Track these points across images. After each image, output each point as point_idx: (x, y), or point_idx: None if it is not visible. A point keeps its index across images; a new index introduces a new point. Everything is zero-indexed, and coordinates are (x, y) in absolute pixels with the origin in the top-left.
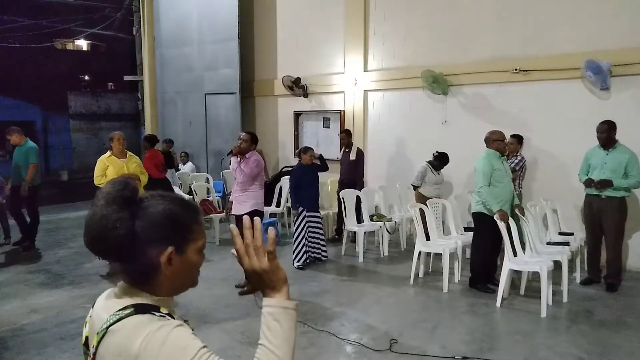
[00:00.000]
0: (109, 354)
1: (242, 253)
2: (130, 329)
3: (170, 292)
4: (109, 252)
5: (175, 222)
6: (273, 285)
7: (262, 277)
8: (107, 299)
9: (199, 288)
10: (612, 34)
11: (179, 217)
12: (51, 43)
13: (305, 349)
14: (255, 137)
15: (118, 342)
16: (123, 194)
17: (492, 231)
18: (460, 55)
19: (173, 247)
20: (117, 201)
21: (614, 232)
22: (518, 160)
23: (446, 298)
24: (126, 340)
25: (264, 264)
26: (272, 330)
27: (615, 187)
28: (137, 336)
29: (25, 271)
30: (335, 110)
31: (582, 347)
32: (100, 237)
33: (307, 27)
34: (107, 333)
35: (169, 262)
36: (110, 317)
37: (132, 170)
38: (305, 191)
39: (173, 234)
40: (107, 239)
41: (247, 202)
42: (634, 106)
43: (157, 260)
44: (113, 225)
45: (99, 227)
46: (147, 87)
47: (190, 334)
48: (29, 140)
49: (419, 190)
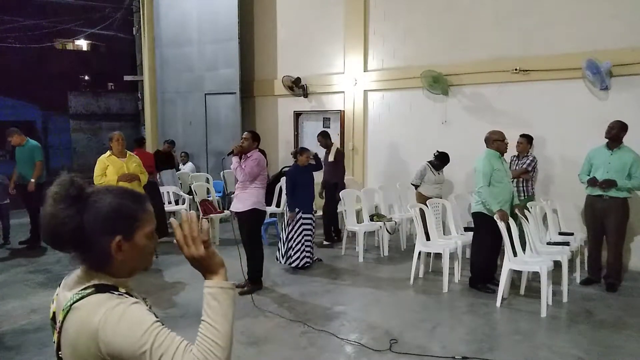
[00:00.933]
0: (72, 328)
1: (181, 243)
2: (90, 306)
3: (125, 274)
4: (63, 245)
5: (121, 213)
6: (212, 269)
7: (201, 262)
8: (72, 280)
9: (199, 288)
10: (612, 34)
11: (125, 208)
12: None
13: (305, 349)
14: (257, 135)
15: (80, 317)
16: (69, 192)
17: (492, 231)
18: (460, 55)
19: (121, 236)
20: (64, 200)
21: (617, 232)
22: (530, 161)
23: (446, 298)
24: (87, 316)
25: (200, 251)
26: (212, 308)
27: (619, 188)
28: (97, 312)
29: (25, 271)
30: (335, 110)
31: (582, 347)
32: (54, 234)
33: (307, 27)
34: (71, 310)
35: (119, 249)
36: (74, 295)
37: (132, 170)
38: (302, 192)
39: (120, 224)
40: (59, 235)
41: (248, 200)
42: (634, 106)
43: (109, 248)
44: (62, 222)
45: (50, 225)
46: (147, 87)
47: (145, 310)
48: (30, 139)
49: (418, 189)
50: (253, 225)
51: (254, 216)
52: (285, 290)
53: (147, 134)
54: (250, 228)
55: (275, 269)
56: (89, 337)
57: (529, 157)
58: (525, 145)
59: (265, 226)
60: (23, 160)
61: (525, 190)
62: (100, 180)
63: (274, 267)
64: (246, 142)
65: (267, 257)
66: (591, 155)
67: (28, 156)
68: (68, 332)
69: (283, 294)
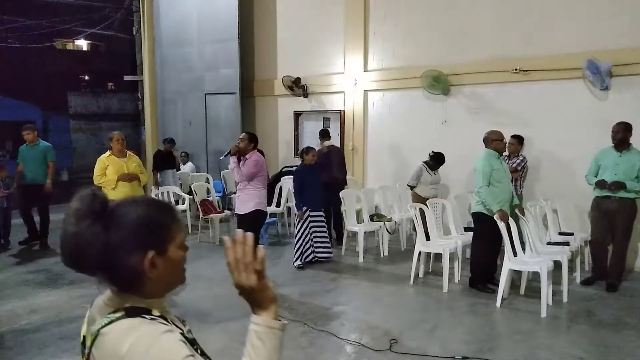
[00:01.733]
0: (100, 355)
1: (232, 267)
2: (119, 332)
3: (159, 293)
4: (88, 267)
5: (152, 226)
6: (261, 304)
7: (251, 294)
8: (102, 301)
9: (199, 288)
10: (612, 34)
11: (155, 220)
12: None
13: (305, 349)
14: (254, 136)
15: (107, 344)
16: (93, 207)
17: (492, 231)
18: (460, 55)
19: (154, 251)
20: (87, 216)
21: (624, 233)
22: (520, 160)
23: (446, 298)
24: (115, 343)
25: (252, 281)
26: (255, 348)
27: (627, 190)
28: (125, 340)
29: (25, 271)
30: (335, 110)
31: (582, 347)
32: (77, 255)
33: (307, 27)
34: (99, 335)
35: (153, 266)
36: (102, 319)
37: (132, 170)
38: (309, 191)
39: (151, 237)
40: (85, 255)
41: (249, 201)
42: (634, 106)
43: (140, 266)
44: (88, 241)
45: (73, 245)
46: (147, 87)
47: (177, 340)
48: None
49: (415, 190)
50: (254, 226)
51: (256, 217)
52: (285, 290)
53: (147, 134)
54: (251, 229)
55: (275, 269)
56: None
57: (519, 157)
58: (517, 146)
59: (265, 226)
60: (33, 159)
61: (515, 189)
62: (100, 180)
63: (274, 267)
64: (242, 143)
65: (267, 257)
66: (599, 157)
67: (40, 156)
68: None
69: (283, 294)
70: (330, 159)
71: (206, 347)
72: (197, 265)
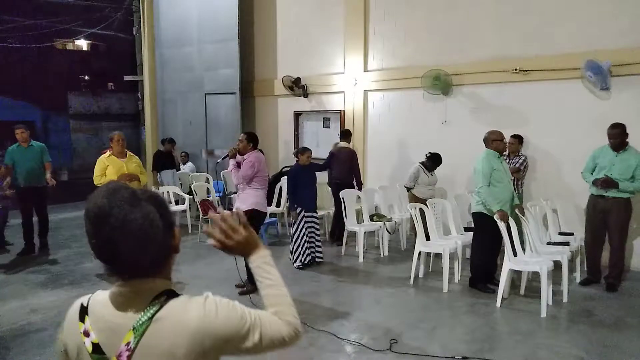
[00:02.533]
0: (164, 338)
1: (223, 239)
2: (178, 312)
3: (171, 272)
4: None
5: (167, 205)
6: (255, 245)
7: (246, 243)
8: (113, 303)
9: (199, 288)
10: (612, 34)
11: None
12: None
13: (305, 349)
14: (252, 136)
15: (168, 327)
16: (132, 191)
17: (492, 231)
18: (460, 55)
19: (178, 226)
20: (141, 199)
21: (619, 232)
22: (522, 160)
23: (446, 298)
24: (180, 320)
25: (242, 234)
26: (270, 273)
27: (620, 189)
28: (189, 312)
29: (25, 271)
30: (335, 110)
31: (582, 347)
32: (145, 239)
33: (307, 27)
34: (152, 323)
35: (178, 239)
36: (147, 309)
37: (132, 170)
38: (303, 191)
39: (168, 217)
40: (154, 238)
41: (247, 200)
42: (634, 106)
43: (172, 242)
44: (152, 221)
45: (141, 231)
46: (147, 87)
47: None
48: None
49: (412, 191)
50: (250, 224)
51: (252, 216)
52: None
53: (147, 134)
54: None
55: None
56: (190, 338)
57: (521, 157)
58: (517, 146)
59: (265, 226)
60: (27, 161)
61: (516, 189)
62: (100, 180)
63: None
64: (241, 144)
65: None
66: (596, 154)
67: (35, 157)
68: (159, 346)
69: None
70: (335, 160)
71: None
72: (197, 265)
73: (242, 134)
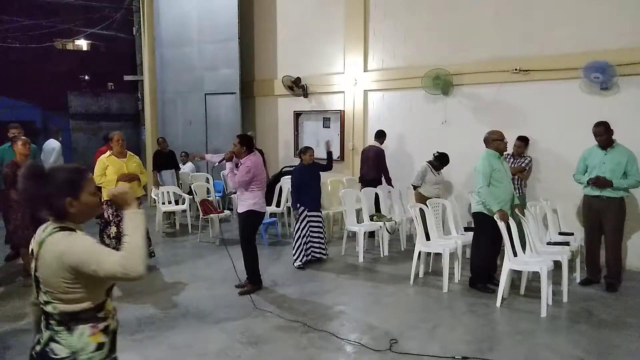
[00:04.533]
0: (47, 254)
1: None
2: (58, 238)
3: (80, 221)
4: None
5: (69, 182)
6: (128, 203)
7: (122, 199)
8: (45, 226)
9: (199, 288)
10: (612, 34)
11: (70, 179)
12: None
13: (305, 349)
14: (245, 138)
15: (51, 246)
16: (34, 172)
17: (492, 231)
18: (460, 55)
19: (70, 197)
20: (31, 177)
21: (614, 232)
22: (528, 161)
23: (446, 298)
24: (56, 244)
25: (123, 188)
26: (128, 225)
27: (614, 188)
28: (61, 241)
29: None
30: (335, 110)
31: (582, 347)
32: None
33: (307, 27)
34: (44, 242)
35: (71, 205)
36: (46, 232)
37: (132, 170)
38: (307, 191)
39: (68, 189)
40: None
41: (245, 201)
42: (634, 106)
43: (64, 206)
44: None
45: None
46: (147, 87)
47: (90, 237)
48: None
49: (418, 190)
50: (247, 226)
51: (249, 217)
52: (285, 290)
53: (147, 134)
54: (244, 229)
55: (275, 268)
56: (58, 257)
57: (526, 158)
58: (523, 148)
59: (265, 226)
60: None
61: (519, 189)
62: (100, 180)
63: (274, 267)
64: (235, 149)
65: (267, 257)
66: (585, 155)
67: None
68: (44, 258)
69: (283, 294)
70: (363, 158)
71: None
72: (197, 265)
73: (235, 137)
